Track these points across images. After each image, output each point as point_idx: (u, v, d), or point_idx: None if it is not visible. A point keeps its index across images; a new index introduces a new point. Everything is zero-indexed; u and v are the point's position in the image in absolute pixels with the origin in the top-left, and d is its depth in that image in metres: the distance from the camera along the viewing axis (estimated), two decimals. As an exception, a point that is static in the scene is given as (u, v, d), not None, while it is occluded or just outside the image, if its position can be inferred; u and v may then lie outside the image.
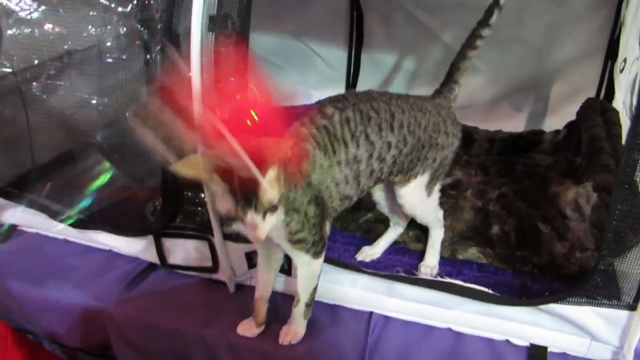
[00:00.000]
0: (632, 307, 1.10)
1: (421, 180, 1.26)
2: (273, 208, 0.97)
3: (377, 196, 1.40)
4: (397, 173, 1.22)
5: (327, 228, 1.17)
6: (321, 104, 1.17)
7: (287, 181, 1.00)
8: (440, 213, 1.39)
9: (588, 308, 1.14)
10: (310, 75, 2.28)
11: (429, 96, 1.33)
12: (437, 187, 1.32)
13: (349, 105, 1.15)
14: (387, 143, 1.16)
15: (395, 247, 1.49)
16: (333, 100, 1.17)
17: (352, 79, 2.22)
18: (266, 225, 0.97)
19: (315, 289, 1.19)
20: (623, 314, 1.11)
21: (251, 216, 0.94)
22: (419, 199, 1.29)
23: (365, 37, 2.14)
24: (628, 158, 0.98)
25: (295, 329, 1.23)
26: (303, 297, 1.19)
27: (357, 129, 1.13)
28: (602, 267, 1.07)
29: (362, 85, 2.22)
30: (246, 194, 0.92)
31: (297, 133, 1.11)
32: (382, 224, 1.54)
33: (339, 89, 2.22)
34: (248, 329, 1.27)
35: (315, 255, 1.13)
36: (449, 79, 1.35)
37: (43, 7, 1.27)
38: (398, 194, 1.28)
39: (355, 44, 2.16)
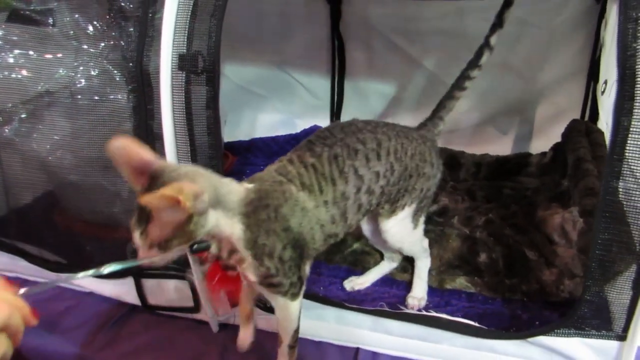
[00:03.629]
0: (621, 338, 1.07)
1: (408, 211, 1.23)
2: (164, 246, 0.90)
3: (366, 231, 1.38)
4: (385, 203, 1.19)
5: (307, 268, 1.13)
6: (309, 141, 1.14)
7: (255, 227, 0.98)
8: (426, 242, 1.37)
9: (577, 339, 1.11)
10: (294, 104, 2.27)
11: (414, 127, 1.31)
12: (422, 218, 1.29)
13: (336, 141, 1.12)
14: (375, 173, 1.12)
15: (382, 279, 1.46)
16: (321, 137, 1.14)
17: (336, 108, 2.21)
18: (150, 255, 0.91)
19: (296, 330, 1.15)
20: (613, 344, 1.08)
21: (136, 236, 0.90)
22: (406, 231, 1.26)
23: (348, 65, 2.14)
24: (607, 186, 0.96)
25: None
26: (284, 339, 1.15)
27: (345, 165, 1.10)
28: (588, 297, 1.05)
29: (346, 113, 2.21)
30: (142, 212, 0.89)
31: (284, 171, 1.08)
32: (369, 255, 1.52)
33: (324, 118, 2.23)
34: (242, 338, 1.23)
35: (293, 297, 1.09)
36: (435, 115, 1.33)
37: (15, 51, 1.27)
38: (383, 228, 1.24)
39: (338, 72, 2.15)
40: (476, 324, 1.21)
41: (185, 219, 0.87)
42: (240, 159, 2.18)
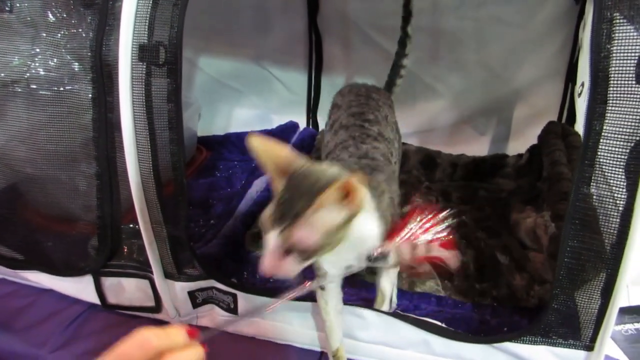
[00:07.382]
0: (589, 348, 1.04)
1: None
2: (306, 254, 0.84)
3: None
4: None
5: None
6: (352, 115, 1.31)
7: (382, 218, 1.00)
8: None
9: (544, 347, 1.08)
10: (271, 99, 2.22)
11: None
12: None
13: (378, 99, 1.38)
14: (394, 122, 1.39)
15: (351, 281, 1.42)
16: (361, 104, 1.35)
17: (312, 103, 2.16)
18: (283, 263, 0.83)
19: None
20: (580, 354, 1.06)
21: (272, 236, 0.82)
22: None
23: (325, 60, 2.09)
24: (577, 192, 0.93)
25: None
26: None
27: (388, 121, 1.33)
28: (555, 306, 1.02)
29: (323, 109, 2.17)
30: (286, 209, 0.82)
31: (362, 153, 1.17)
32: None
33: (300, 113, 2.19)
34: None
35: None
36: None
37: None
38: None
39: (315, 67, 2.11)
40: (442, 325, 1.19)
41: (343, 221, 0.84)
42: (213, 153, 2.13)
